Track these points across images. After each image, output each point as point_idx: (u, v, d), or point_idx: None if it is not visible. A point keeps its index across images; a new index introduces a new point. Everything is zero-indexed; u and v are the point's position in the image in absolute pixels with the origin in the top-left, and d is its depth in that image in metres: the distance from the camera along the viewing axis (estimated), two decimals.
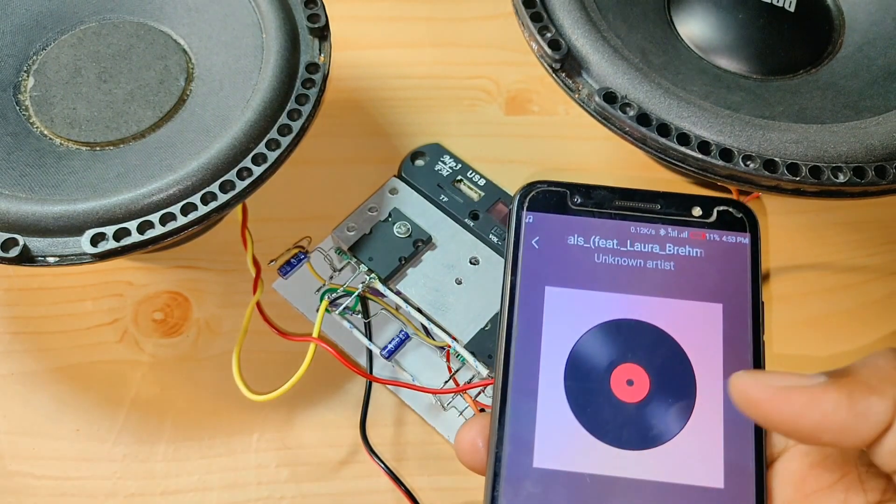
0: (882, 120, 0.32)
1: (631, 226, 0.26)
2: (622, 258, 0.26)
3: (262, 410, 0.35)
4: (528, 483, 0.23)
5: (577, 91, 0.34)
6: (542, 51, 0.33)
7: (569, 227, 0.26)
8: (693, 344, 0.24)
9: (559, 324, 0.25)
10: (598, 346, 0.25)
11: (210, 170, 0.31)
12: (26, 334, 0.37)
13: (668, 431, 0.24)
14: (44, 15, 0.36)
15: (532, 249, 0.26)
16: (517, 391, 0.24)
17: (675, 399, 0.24)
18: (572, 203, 0.26)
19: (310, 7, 0.35)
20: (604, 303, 0.25)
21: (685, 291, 0.25)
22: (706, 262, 0.25)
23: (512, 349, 0.25)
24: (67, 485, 0.34)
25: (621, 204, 0.26)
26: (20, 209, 0.30)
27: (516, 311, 0.25)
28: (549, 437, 0.24)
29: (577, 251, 0.26)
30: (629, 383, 0.24)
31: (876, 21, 0.37)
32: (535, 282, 0.25)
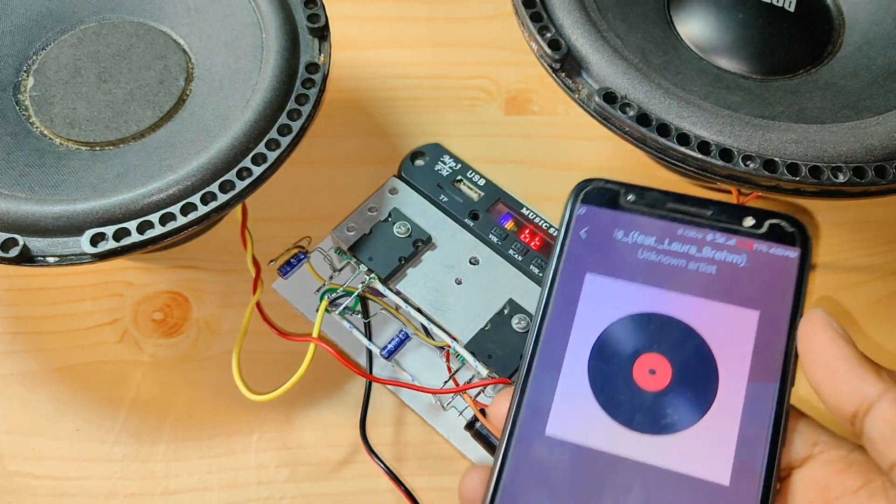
0: (882, 120, 0.32)
1: (679, 228, 0.27)
2: (665, 256, 0.26)
3: (262, 410, 0.35)
4: (537, 448, 0.24)
5: (576, 91, 0.34)
6: (542, 51, 0.33)
7: (617, 222, 0.27)
8: (722, 345, 0.25)
9: (593, 308, 0.26)
10: (628, 333, 0.26)
11: (210, 170, 0.31)
12: (26, 334, 0.37)
13: (682, 422, 0.24)
14: (43, 15, 0.36)
15: (579, 239, 0.27)
16: (543, 363, 0.26)
17: (695, 394, 0.24)
18: (625, 201, 0.27)
19: (310, 7, 0.35)
20: (639, 295, 0.26)
21: (723, 294, 0.26)
22: (749, 270, 0.26)
23: (545, 324, 0.26)
24: (67, 485, 0.34)
25: (672, 206, 0.27)
26: (20, 209, 0.30)
27: (555, 291, 0.26)
28: (565, 409, 0.25)
29: (621, 245, 0.27)
30: (651, 372, 0.25)
31: (876, 21, 0.37)
32: (578, 268, 0.27)
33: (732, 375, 0.24)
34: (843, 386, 0.22)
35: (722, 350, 0.25)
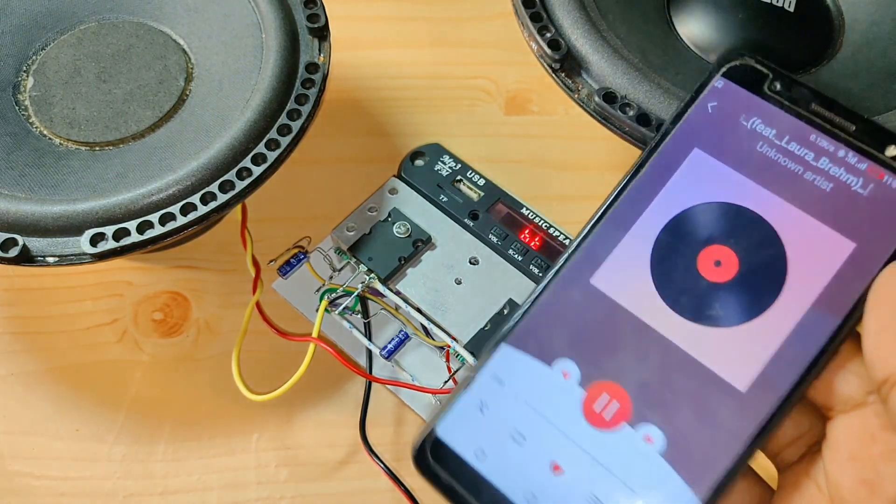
0: (882, 120, 0.32)
1: (813, 132, 0.25)
2: (784, 157, 0.25)
3: (262, 410, 0.35)
4: (575, 291, 0.25)
5: (576, 91, 0.34)
6: (542, 51, 0.33)
7: (751, 106, 0.26)
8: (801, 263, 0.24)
9: (687, 184, 0.25)
10: (710, 219, 0.25)
11: (209, 170, 0.31)
12: (26, 334, 0.37)
13: (725, 320, 0.24)
14: (43, 15, 0.36)
15: (704, 110, 0.26)
16: (613, 218, 0.26)
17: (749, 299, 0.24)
18: (769, 88, 0.26)
19: (309, 7, 0.35)
20: (739, 187, 0.25)
21: (826, 214, 0.24)
22: (866, 200, 0.24)
23: (633, 183, 0.26)
24: (67, 485, 0.34)
25: (816, 109, 0.25)
26: (19, 209, 0.30)
27: (657, 154, 0.26)
28: (616, 268, 0.25)
29: (744, 132, 0.25)
30: (717, 263, 0.24)
31: (876, 21, 0.37)
32: (689, 139, 0.26)
33: (797, 295, 0.23)
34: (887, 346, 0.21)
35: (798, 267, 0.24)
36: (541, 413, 0.24)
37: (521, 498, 0.23)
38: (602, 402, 0.24)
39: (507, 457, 0.24)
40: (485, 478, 0.23)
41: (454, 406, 0.25)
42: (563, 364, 0.24)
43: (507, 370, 0.25)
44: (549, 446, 0.24)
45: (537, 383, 0.24)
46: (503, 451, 0.24)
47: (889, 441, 0.22)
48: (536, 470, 0.23)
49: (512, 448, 0.24)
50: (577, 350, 0.24)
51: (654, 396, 0.23)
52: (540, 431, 0.24)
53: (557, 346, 0.25)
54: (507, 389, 0.24)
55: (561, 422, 0.24)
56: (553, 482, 0.23)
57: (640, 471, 0.23)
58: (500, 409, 0.24)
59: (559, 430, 0.24)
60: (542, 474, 0.23)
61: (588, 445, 0.23)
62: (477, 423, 0.24)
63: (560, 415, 0.24)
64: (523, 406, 0.24)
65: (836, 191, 0.24)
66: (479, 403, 0.24)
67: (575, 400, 0.24)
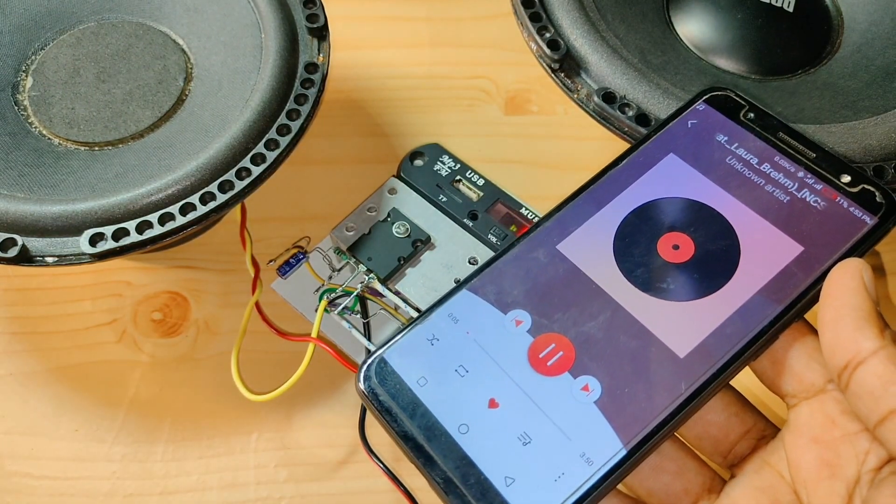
0: (880, 120, 0.32)
1: (777, 155, 0.29)
2: (748, 170, 0.28)
3: (261, 410, 0.35)
4: (540, 253, 0.27)
5: (575, 91, 0.34)
6: (541, 51, 0.34)
7: (726, 128, 0.29)
8: (751, 255, 0.27)
9: (659, 179, 0.29)
10: (675, 210, 0.28)
11: (209, 170, 0.31)
12: (25, 334, 0.37)
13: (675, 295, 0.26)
14: (42, 15, 0.36)
15: (684, 125, 0.30)
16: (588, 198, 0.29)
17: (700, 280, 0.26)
18: (744, 116, 0.30)
19: (309, 7, 0.35)
20: (704, 188, 0.28)
21: (779, 220, 0.27)
22: (818, 214, 0.27)
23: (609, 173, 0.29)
24: (66, 485, 0.34)
25: (782, 137, 0.29)
26: (18, 209, 0.30)
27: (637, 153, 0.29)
28: (582, 239, 0.28)
29: (717, 146, 0.29)
30: (675, 247, 0.27)
31: (875, 21, 0.37)
32: (668, 145, 0.29)
33: (744, 282, 0.26)
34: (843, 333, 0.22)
35: (749, 259, 0.26)
36: (488, 352, 0.26)
37: (453, 425, 0.24)
38: (548, 351, 0.25)
39: (447, 387, 0.25)
40: (422, 402, 0.25)
41: (407, 335, 0.26)
42: (516, 313, 0.26)
43: (463, 312, 0.27)
44: (489, 383, 0.25)
45: (489, 326, 0.26)
46: (445, 381, 0.25)
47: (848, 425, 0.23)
48: (474, 402, 0.25)
49: (454, 379, 0.25)
50: (532, 303, 0.26)
51: (598, 352, 0.25)
52: (483, 368, 0.25)
53: (514, 298, 0.27)
54: (460, 328, 0.26)
55: (505, 363, 0.25)
56: (488, 415, 0.24)
57: (573, 416, 0.24)
58: (449, 344, 0.26)
59: (502, 369, 0.25)
60: (478, 407, 0.25)
61: (527, 387, 0.25)
62: (425, 353, 0.26)
63: (506, 357, 0.25)
64: (472, 344, 0.26)
65: (791, 202, 0.27)
66: (430, 336, 0.26)
67: (522, 345, 0.26)
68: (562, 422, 0.24)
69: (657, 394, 0.24)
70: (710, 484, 0.26)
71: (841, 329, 0.22)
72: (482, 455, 0.24)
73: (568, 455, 0.24)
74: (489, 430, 0.24)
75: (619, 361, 0.25)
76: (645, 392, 0.24)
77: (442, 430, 0.24)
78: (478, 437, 0.24)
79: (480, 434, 0.24)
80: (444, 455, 0.24)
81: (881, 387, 0.21)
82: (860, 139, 0.31)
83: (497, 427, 0.24)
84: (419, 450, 0.24)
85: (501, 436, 0.24)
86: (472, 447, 0.24)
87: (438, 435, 0.24)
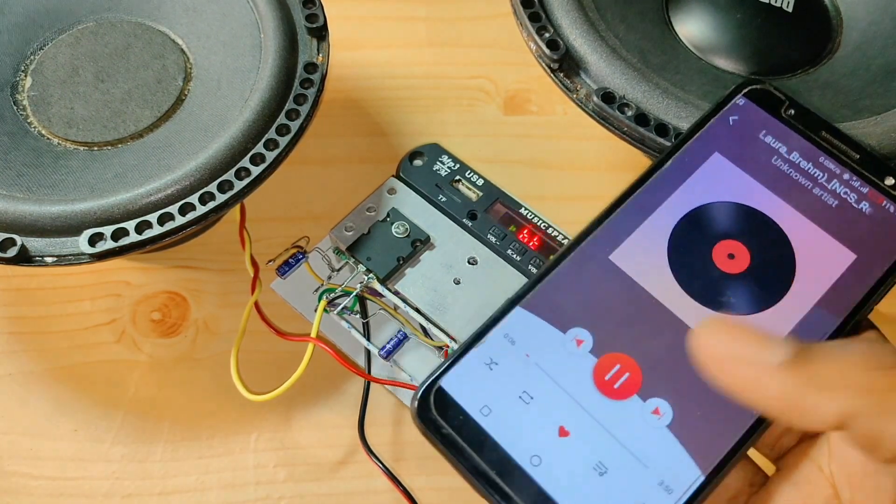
0: (880, 119, 0.32)
1: (821, 155, 0.27)
2: (795, 172, 0.27)
3: (261, 410, 0.35)
4: (593, 265, 0.26)
5: (575, 91, 0.34)
6: (541, 51, 0.33)
7: (768, 125, 0.28)
8: (807, 266, 0.26)
9: (707, 182, 0.27)
10: (724, 215, 0.27)
11: (208, 170, 0.31)
12: (24, 334, 0.37)
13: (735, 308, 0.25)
14: (41, 14, 0.36)
15: (726, 122, 0.28)
16: (636, 203, 0.27)
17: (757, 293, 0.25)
18: (785, 112, 0.28)
19: (308, 7, 0.35)
20: (754, 192, 0.27)
21: (832, 227, 0.26)
22: (866, 219, 0.26)
23: (656, 175, 0.27)
24: (65, 485, 0.34)
25: (825, 136, 0.28)
26: (18, 209, 0.30)
27: (680, 153, 0.28)
28: (635, 248, 0.26)
29: (761, 145, 0.28)
30: (730, 256, 0.26)
31: (874, 21, 0.37)
32: (712, 144, 0.28)
33: (802, 294, 0.25)
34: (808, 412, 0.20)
35: (805, 269, 0.26)
36: (551, 376, 0.24)
37: (525, 457, 0.23)
38: (613, 373, 0.24)
39: (513, 416, 0.24)
40: (489, 434, 0.23)
41: (462, 360, 0.24)
42: (576, 332, 0.25)
43: (519, 332, 0.25)
44: (557, 409, 0.24)
45: (550, 348, 0.24)
46: (510, 409, 0.24)
47: None
48: (543, 431, 0.23)
49: (519, 407, 0.24)
50: (591, 320, 0.25)
51: (664, 372, 0.24)
52: (549, 394, 0.24)
53: (572, 315, 0.25)
54: (519, 350, 0.24)
55: (571, 387, 0.24)
56: (559, 444, 0.23)
57: (646, 442, 0.23)
58: (509, 368, 0.24)
59: (569, 394, 0.24)
60: (548, 436, 0.23)
61: (597, 412, 0.24)
62: (484, 380, 0.24)
63: (570, 380, 0.24)
64: (534, 368, 0.24)
65: (840, 207, 0.27)
66: (488, 360, 0.24)
67: (586, 367, 0.24)
68: (636, 449, 0.23)
69: (729, 414, 0.23)
70: (752, 478, 0.25)
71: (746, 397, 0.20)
72: (559, 488, 0.23)
73: (646, 484, 0.23)
74: (563, 461, 0.23)
75: (687, 382, 0.24)
76: (716, 413, 0.23)
77: (514, 463, 0.23)
78: (552, 469, 0.23)
79: (554, 465, 0.23)
80: (520, 490, 0.22)
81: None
82: (860, 139, 0.31)
83: (571, 457, 0.23)
84: (493, 486, 0.23)
85: (576, 466, 0.23)
86: (548, 480, 0.23)
87: (511, 469, 0.23)
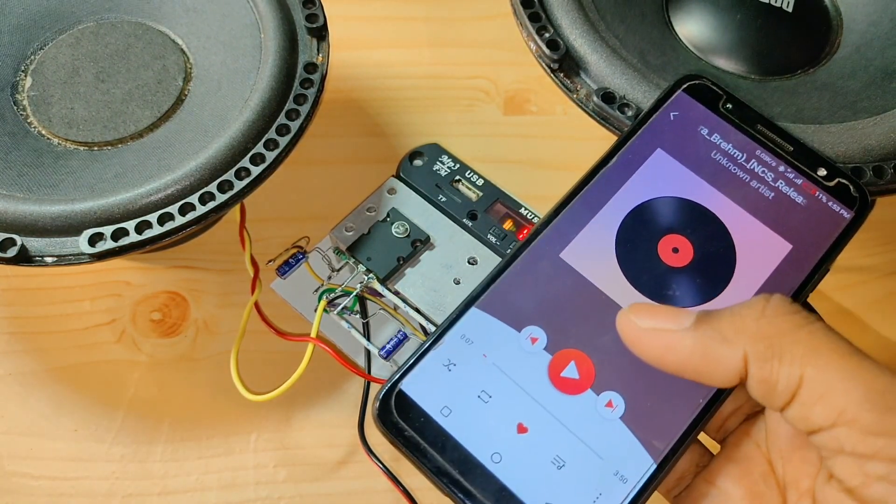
0: (879, 120, 0.32)
1: (757, 148, 0.29)
2: (734, 165, 0.28)
3: (261, 410, 0.35)
4: (544, 263, 0.27)
5: (575, 91, 0.34)
6: (541, 51, 0.34)
7: (706, 120, 0.29)
8: (747, 257, 0.27)
9: (650, 178, 0.28)
10: (668, 210, 0.28)
11: (208, 170, 0.31)
12: (24, 334, 0.37)
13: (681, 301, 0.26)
14: (41, 14, 0.36)
15: (667, 117, 0.29)
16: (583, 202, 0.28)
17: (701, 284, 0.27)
18: (723, 106, 0.30)
19: (308, 7, 0.35)
20: (695, 186, 0.28)
21: (769, 218, 0.27)
22: (801, 210, 0.28)
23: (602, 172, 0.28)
24: (65, 485, 0.34)
25: (761, 129, 0.29)
26: (18, 209, 0.30)
27: (625, 149, 0.29)
28: (584, 246, 0.27)
29: (700, 139, 0.29)
30: (674, 250, 0.27)
31: (874, 22, 0.37)
32: (653, 140, 0.29)
33: (743, 285, 0.26)
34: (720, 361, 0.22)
35: (745, 261, 0.27)
36: (508, 375, 0.25)
37: (486, 455, 0.24)
38: (568, 369, 0.25)
39: (472, 415, 0.24)
40: (450, 434, 0.24)
41: (421, 362, 0.25)
42: (530, 330, 0.26)
43: (476, 332, 0.25)
44: (515, 407, 0.24)
45: (506, 346, 0.25)
46: (469, 409, 0.24)
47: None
48: (502, 429, 0.24)
49: (478, 407, 0.24)
50: (544, 318, 0.26)
51: (615, 366, 0.25)
52: (506, 392, 0.25)
53: (526, 314, 0.26)
54: (476, 350, 0.25)
55: (527, 384, 0.25)
56: (518, 441, 0.24)
57: (601, 434, 0.24)
58: (467, 369, 0.25)
59: (526, 392, 0.25)
60: (507, 434, 0.24)
61: (553, 408, 0.24)
62: (443, 381, 0.25)
63: (527, 378, 0.25)
64: (491, 367, 0.25)
65: (776, 199, 0.28)
66: (446, 361, 0.25)
67: (541, 365, 0.25)
68: (592, 441, 0.24)
69: (678, 403, 0.24)
70: (699, 459, 0.26)
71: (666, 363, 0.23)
72: (520, 483, 0.23)
73: (603, 475, 0.23)
74: (522, 457, 0.24)
75: (637, 374, 0.25)
76: (666, 403, 0.24)
77: (475, 461, 0.23)
78: (512, 465, 0.23)
79: (514, 462, 0.23)
80: (483, 487, 0.23)
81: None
82: (859, 139, 0.31)
83: (530, 453, 0.24)
84: (456, 485, 0.23)
85: (535, 461, 0.24)
86: (509, 476, 0.23)
87: (473, 467, 0.23)
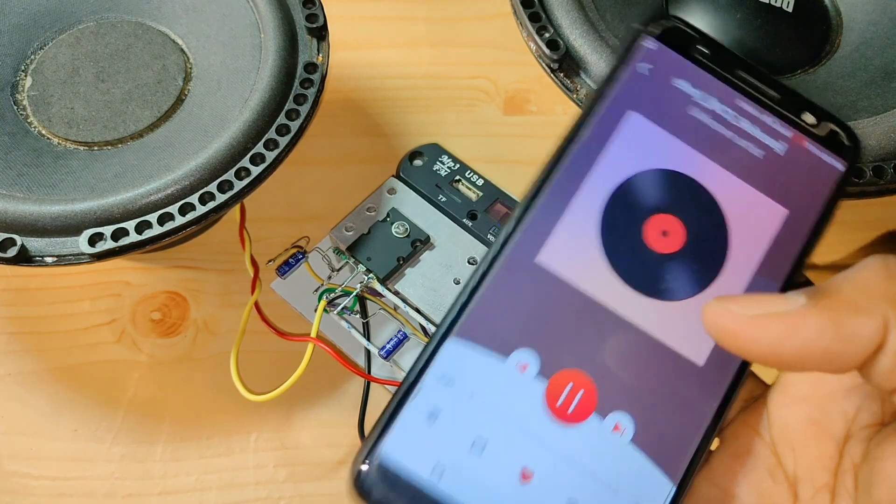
0: (879, 120, 0.32)
1: (740, 98, 0.25)
2: (717, 122, 0.24)
3: (261, 410, 0.35)
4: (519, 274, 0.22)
5: (575, 91, 0.34)
6: (541, 51, 0.34)
7: (683, 70, 0.25)
8: (741, 230, 0.23)
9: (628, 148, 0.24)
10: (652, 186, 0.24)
11: (208, 170, 0.31)
12: (24, 334, 0.37)
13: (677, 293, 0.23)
14: (41, 14, 0.36)
15: (637, 73, 0.25)
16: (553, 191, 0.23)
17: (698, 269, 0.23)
18: (698, 52, 0.25)
19: (308, 7, 0.35)
20: (677, 152, 0.24)
21: (760, 181, 0.24)
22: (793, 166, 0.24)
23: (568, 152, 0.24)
24: (65, 485, 0.34)
25: (742, 75, 0.25)
26: (18, 209, 0.30)
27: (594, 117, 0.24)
28: (562, 245, 0.23)
29: (677, 94, 0.24)
30: (664, 234, 0.23)
31: (873, 21, 0.37)
32: (624, 102, 0.24)
33: (741, 262, 0.23)
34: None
35: (739, 235, 0.23)
36: (501, 414, 0.21)
37: None
38: (566, 394, 0.22)
39: (469, 470, 0.21)
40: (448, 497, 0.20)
41: (398, 419, 0.21)
42: (518, 355, 0.22)
43: (456, 368, 0.21)
44: (514, 452, 0.21)
45: (493, 380, 0.21)
46: (464, 463, 0.21)
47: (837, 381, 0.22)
48: (504, 480, 0.21)
49: (473, 459, 0.21)
50: (531, 338, 0.22)
51: (617, 380, 0.22)
52: (503, 435, 0.21)
53: (509, 337, 0.22)
54: (459, 391, 0.21)
55: (525, 421, 0.21)
56: (524, 491, 0.21)
57: (613, 463, 0.21)
58: (453, 416, 0.21)
59: (524, 431, 0.21)
60: (511, 484, 0.21)
61: (556, 445, 0.21)
62: (429, 435, 0.21)
63: (523, 414, 0.21)
64: (481, 409, 0.21)
65: (766, 158, 0.24)
66: (428, 411, 0.21)
67: (536, 394, 0.21)
68: (604, 474, 0.21)
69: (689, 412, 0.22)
70: None
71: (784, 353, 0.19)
72: None
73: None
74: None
75: (641, 386, 0.22)
76: (677, 414, 0.22)
77: None
78: None
79: None
80: None
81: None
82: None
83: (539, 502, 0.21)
84: None
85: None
86: None
87: None
